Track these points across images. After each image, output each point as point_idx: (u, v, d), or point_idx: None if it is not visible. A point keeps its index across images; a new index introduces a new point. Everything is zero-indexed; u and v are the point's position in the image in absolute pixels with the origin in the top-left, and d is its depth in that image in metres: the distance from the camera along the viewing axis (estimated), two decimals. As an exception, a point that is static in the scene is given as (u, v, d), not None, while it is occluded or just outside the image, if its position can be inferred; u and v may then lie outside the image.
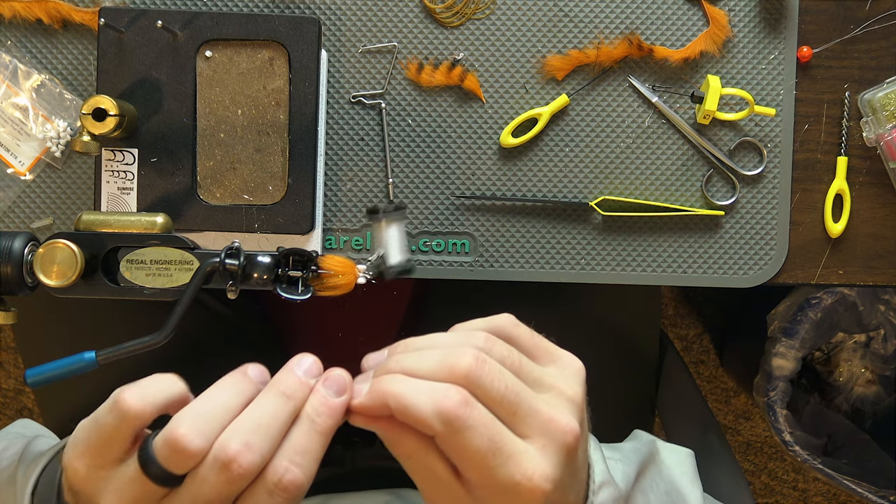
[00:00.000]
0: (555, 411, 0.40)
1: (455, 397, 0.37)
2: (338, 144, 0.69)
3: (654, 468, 0.62)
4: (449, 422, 0.37)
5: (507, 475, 0.38)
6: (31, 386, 0.50)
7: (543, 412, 0.39)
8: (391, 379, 0.39)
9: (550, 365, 0.43)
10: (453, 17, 0.68)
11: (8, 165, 0.68)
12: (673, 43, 0.69)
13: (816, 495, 1.61)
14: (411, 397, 0.38)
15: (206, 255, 0.52)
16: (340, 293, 0.55)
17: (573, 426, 0.39)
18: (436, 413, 0.37)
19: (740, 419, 1.60)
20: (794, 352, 1.16)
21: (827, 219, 0.70)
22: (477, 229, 0.69)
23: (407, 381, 0.39)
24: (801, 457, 1.17)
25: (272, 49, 0.65)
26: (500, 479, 0.38)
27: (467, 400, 0.37)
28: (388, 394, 0.38)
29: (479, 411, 0.38)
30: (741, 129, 0.69)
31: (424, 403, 0.37)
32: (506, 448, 0.38)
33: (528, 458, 0.38)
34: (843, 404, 1.37)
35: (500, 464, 0.37)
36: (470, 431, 0.37)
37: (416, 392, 0.38)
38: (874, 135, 0.69)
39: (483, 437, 0.37)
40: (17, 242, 0.52)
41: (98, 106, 0.60)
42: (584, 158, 0.69)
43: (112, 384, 0.49)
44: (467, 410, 0.37)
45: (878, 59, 0.69)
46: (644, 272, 0.70)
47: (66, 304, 0.77)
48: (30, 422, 0.71)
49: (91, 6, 0.67)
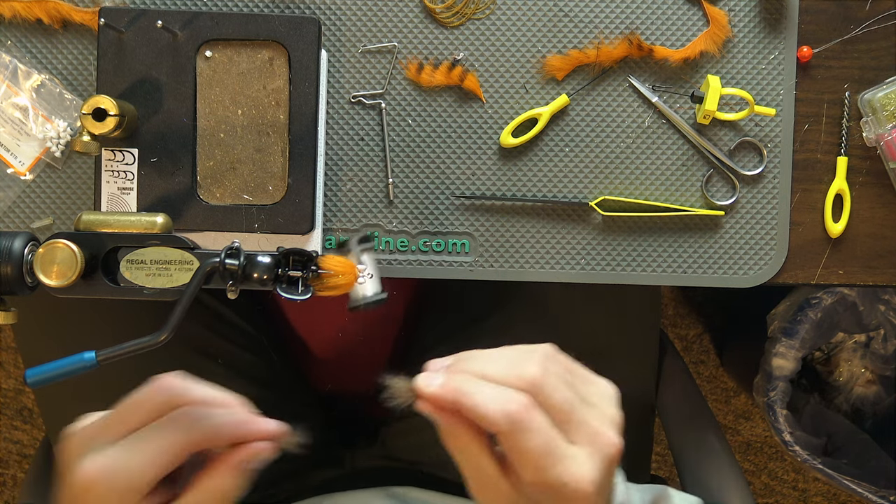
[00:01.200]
0: (603, 425, 0.44)
1: (521, 401, 0.41)
2: (338, 144, 0.69)
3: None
4: (513, 422, 0.41)
5: (558, 475, 0.41)
6: (31, 386, 0.50)
7: (593, 424, 0.43)
8: (465, 378, 0.43)
9: (591, 387, 0.47)
10: (453, 17, 0.68)
11: (8, 165, 0.68)
12: (673, 43, 0.69)
13: (816, 495, 1.61)
14: (482, 396, 0.42)
15: (206, 255, 0.52)
16: (340, 293, 0.55)
17: (617, 440, 0.44)
18: (503, 413, 0.41)
19: (740, 419, 1.60)
20: (794, 352, 1.16)
21: (827, 219, 0.70)
22: (477, 229, 0.69)
23: (479, 383, 0.43)
24: (801, 457, 1.17)
25: (272, 49, 0.65)
26: (551, 479, 0.41)
27: (531, 404, 0.42)
28: (461, 390, 0.42)
29: (539, 416, 0.42)
30: (741, 129, 0.69)
31: (494, 403, 0.41)
32: (559, 451, 0.42)
33: (578, 462, 0.42)
34: (843, 404, 1.37)
35: (552, 464, 0.41)
36: (530, 433, 0.41)
37: (487, 392, 0.42)
38: (874, 135, 0.69)
39: (540, 439, 0.41)
40: (17, 242, 0.52)
41: (98, 106, 0.60)
42: (584, 158, 0.69)
43: (112, 384, 0.49)
44: (530, 414, 0.41)
45: (878, 59, 0.69)
46: (644, 272, 0.70)
47: (66, 304, 0.77)
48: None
49: (91, 6, 0.67)
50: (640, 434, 0.86)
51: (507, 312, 0.82)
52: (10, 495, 1.56)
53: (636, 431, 0.86)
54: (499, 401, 0.41)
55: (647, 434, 0.87)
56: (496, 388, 0.42)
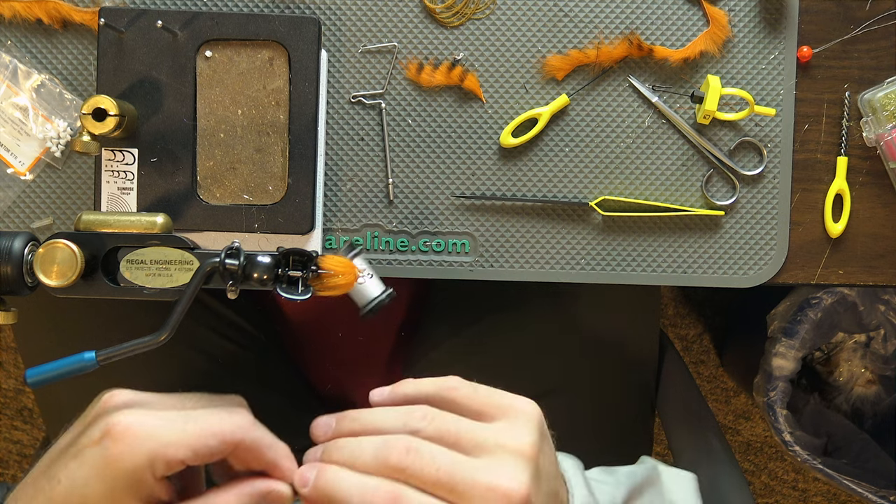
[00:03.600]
0: (495, 476, 0.41)
1: (383, 494, 0.41)
2: (338, 144, 0.69)
3: (653, 490, 0.62)
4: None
5: None
6: (31, 386, 0.50)
7: (482, 482, 0.41)
8: (330, 473, 0.43)
9: (500, 419, 0.45)
10: (453, 17, 0.68)
11: (8, 165, 0.68)
12: (673, 43, 0.69)
13: (816, 495, 1.61)
14: (346, 494, 0.41)
15: (206, 255, 0.52)
16: (340, 293, 0.55)
17: (515, 484, 0.41)
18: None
19: (740, 419, 1.60)
20: (794, 352, 1.16)
21: (827, 219, 0.70)
22: (477, 229, 0.69)
23: (343, 478, 0.42)
24: (801, 457, 1.17)
25: (272, 49, 0.65)
26: None
27: (396, 496, 0.41)
28: (326, 489, 0.42)
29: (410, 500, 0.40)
30: (741, 129, 0.69)
31: (357, 501, 0.41)
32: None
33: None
34: (843, 404, 1.37)
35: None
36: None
37: (350, 489, 0.41)
38: (874, 135, 0.69)
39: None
40: (17, 242, 0.52)
41: (98, 106, 0.60)
42: (584, 158, 0.69)
43: (112, 384, 0.49)
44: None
45: (878, 59, 0.69)
46: (644, 272, 0.70)
47: (66, 304, 0.77)
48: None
49: (91, 6, 0.67)
50: (640, 434, 0.86)
51: (506, 313, 0.82)
52: (10, 495, 1.56)
53: (636, 431, 0.86)
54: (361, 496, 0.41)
55: (647, 434, 0.87)
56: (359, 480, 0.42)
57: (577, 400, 0.80)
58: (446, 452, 0.42)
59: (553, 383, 0.80)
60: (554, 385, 0.80)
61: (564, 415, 0.60)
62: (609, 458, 0.81)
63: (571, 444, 0.61)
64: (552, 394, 0.78)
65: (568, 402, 0.79)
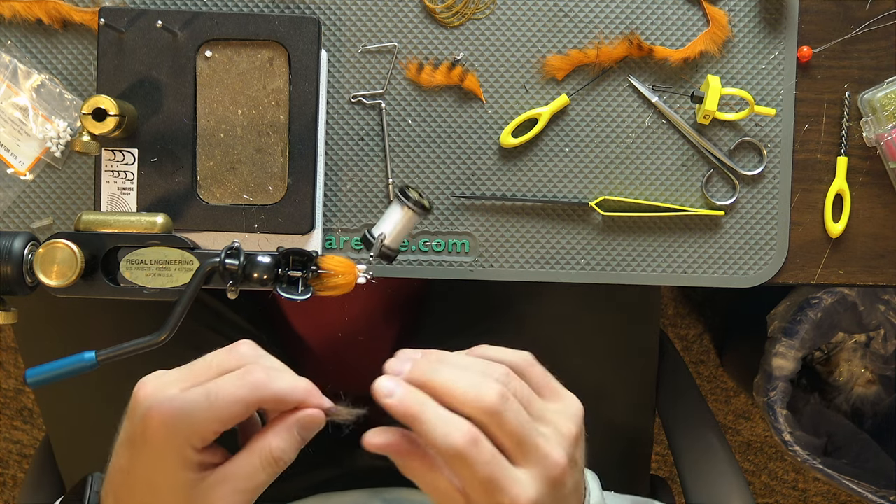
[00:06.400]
0: (550, 445, 0.46)
1: (466, 435, 0.43)
2: (338, 144, 0.69)
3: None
4: (457, 454, 0.43)
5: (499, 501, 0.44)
6: (31, 386, 0.50)
7: (542, 447, 0.45)
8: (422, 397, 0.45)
9: (555, 402, 0.49)
10: (453, 17, 0.68)
11: (8, 165, 0.68)
12: (673, 43, 0.69)
13: (816, 495, 1.61)
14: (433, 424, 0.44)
15: (206, 255, 0.52)
16: (340, 293, 0.55)
17: (562, 460, 0.46)
18: (448, 445, 0.43)
19: (740, 419, 1.60)
20: (794, 352, 1.16)
21: (827, 219, 0.70)
22: (477, 229, 0.69)
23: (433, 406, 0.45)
24: (801, 457, 1.17)
25: (272, 49, 0.65)
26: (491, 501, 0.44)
27: (476, 439, 0.44)
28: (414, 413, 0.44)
29: (484, 450, 0.44)
30: (741, 129, 0.69)
31: (442, 433, 0.43)
32: (501, 478, 0.44)
33: (521, 485, 0.44)
34: (843, 404, 1.37)
35: (494, 491, 0.44)
36: (474, 465, 0.43)
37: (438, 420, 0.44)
38: (874, 135, 0.69)
39: (484, 469, 0.43)
40: (17, 242, 0.52)
41: (98, 106, 0.60)
42: (584, 158, 0.69)
43: (112, 384, 0.49)
44: (475, 447, 0.43)
45: (878, 59, 0.69)
46: (644, 272, 0.70)
47: (66, 304, 0.77)
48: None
49: (91, 6, 0.67)
50: (640, 434, 0.86)
51: (506, 313, 0.82)
52: (10, 495, 1.56)
53: (636, 431, 0.86)
54: (447, 431, 0.44)
55: (647, 434, 0.87)
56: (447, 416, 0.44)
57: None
58: (524, 412, 0.46)
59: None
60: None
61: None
62: (609, 457, 0.82)
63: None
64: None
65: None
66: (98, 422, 0.73)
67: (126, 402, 0.48)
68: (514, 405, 0.45)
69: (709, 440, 0.82)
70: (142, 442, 0.46)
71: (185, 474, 0.46)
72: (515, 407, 0.45)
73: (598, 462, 0.64)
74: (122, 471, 0.48)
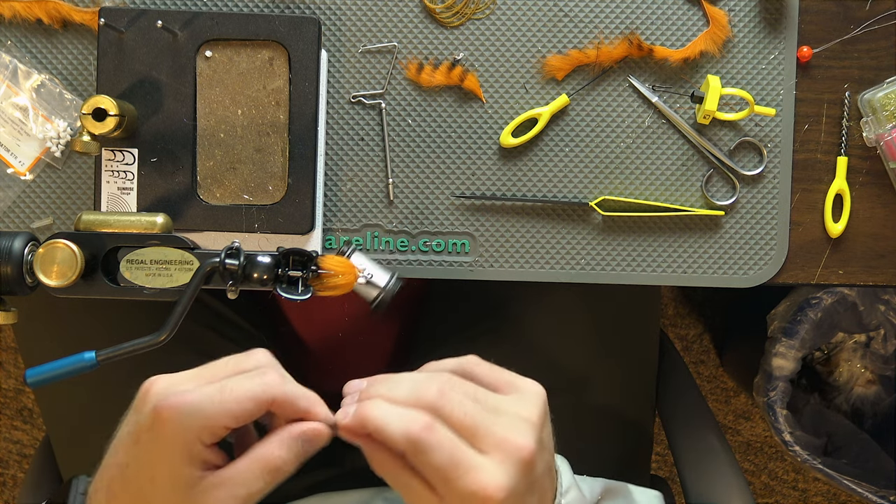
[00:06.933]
0: (508, 430, 0.46)
1: (420, 421, 0.44)
2: (338, 144, 0.69)
3: (622, 499, 0.65)
4: (413, 441, 0.44)
5: (465, 486, 0.44)
6: (31, 386, 0.50)
7: (499, 432, 0.45)
8: (370, 404, 0.46)
9: (512, 394, 0.49)
10: (453, 17, 0.68)
11: (8, 165, 0.68)
12: (673, 43, 0.69)
13: (816, 495, 1.61)
14: (385, 420, 0.44)
15: (206, 255, 0.53)
16: (340, 293, 0.55)
17: (526, 443, 0.45)
18: (403, 433, 0.44)
19: (740, 419, 1.60)
20: (794, 352, 1.16)
21: (827, 219, 0.70)
22: (477, 229, 0.69)
23: (382, 407, 0.45)
24: (801, 457, 1.17)
25: (272, 49, 0.65)
26: (460, 490, 0.44)
27: (431, 425, 0.44)
28: (366, 417, 0.45)
29: (441, 433, 0.44)
30: (741, 129, 0.69)
31: (395, 426, 0.44)
32: (465, 464, 0.44)
33: (486, 470, 0.44)
34: (843, 404, 1.37)
35: (458, 476, 0.44)
36: (432, 450, 0.44)
37: (389, 416, 0.45)
38: (874, 135, 0.69)
39: (444, 454, 0.44)
40: (17, 242, 0.52)
41: (98, 106, 0.60)
42: (584, 158, 0.69)
43: (112, 384, 0.49)
44: (430, 433, 0.44)
45: (878, 59, 0.69)
46: (644, 272, 0.70)
47: (66, 304, 0.77)
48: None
49: (91, 6, 0.67)
50: (640, 434, 0.86)
51: (506, 312, 0.82)
52: (10, 495, 1.56)
53: (636, 431, 0.86)
54: (399, 422, 0.44)
55: (647, 434, 0.87)
56: (398, 411, 0.45)
57: (577, 400, 0.80)
58: (471, 403, 0.46)
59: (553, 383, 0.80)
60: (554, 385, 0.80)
61: (565, 414, 0.60)
62: (609, 457, 0.82)
63: (572, 443, 0.62)
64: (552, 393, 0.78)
65: (568, 402, 0.79)
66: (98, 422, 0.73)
67: (127, 402, 0.48)
68: (456, 397, 0.46)
69: (709, 440, 0.82)
70: (149, 434, 0.46)
71: (189, 470, 0.46)
72: (458, 398, 0.46)
73: (598, 462, 0.64)
74: (120, 465, 0.47)
